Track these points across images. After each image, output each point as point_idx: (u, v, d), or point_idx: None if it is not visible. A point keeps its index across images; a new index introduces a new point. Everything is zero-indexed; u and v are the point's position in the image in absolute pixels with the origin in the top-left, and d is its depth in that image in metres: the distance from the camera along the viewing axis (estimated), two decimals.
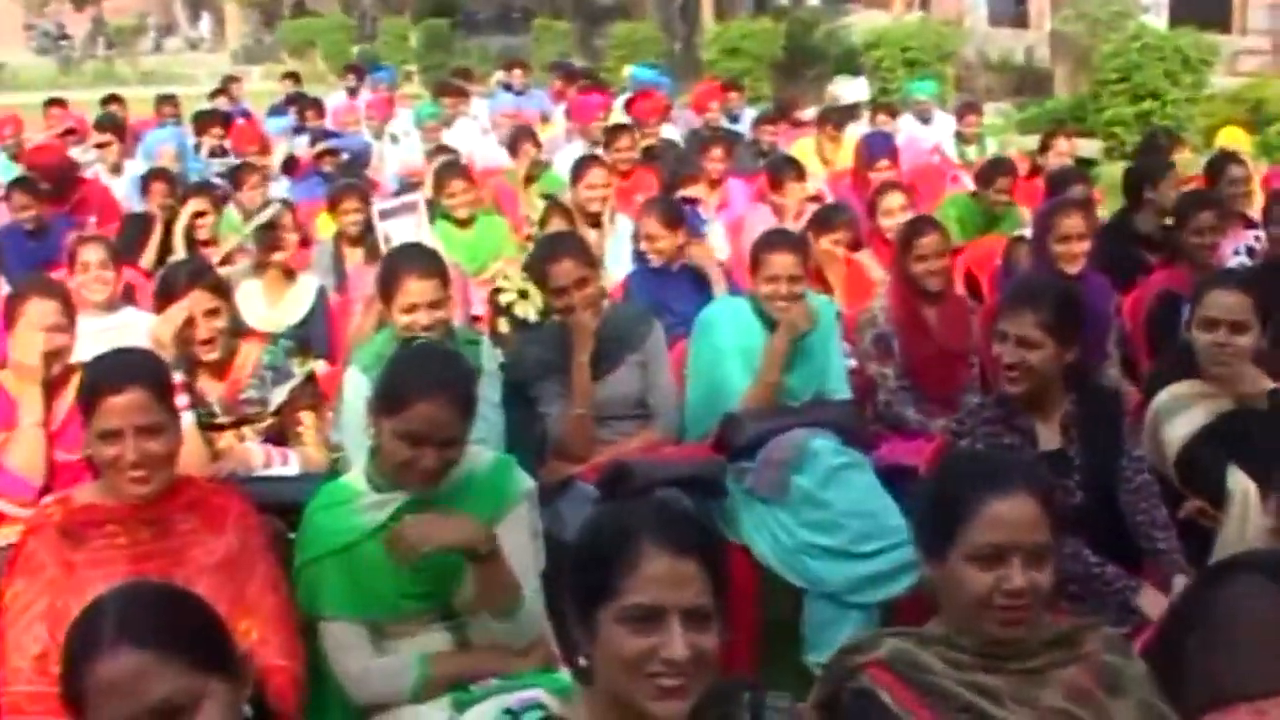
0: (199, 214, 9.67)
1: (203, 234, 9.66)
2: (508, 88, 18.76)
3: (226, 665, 2.73)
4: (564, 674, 4.50)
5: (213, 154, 13.76)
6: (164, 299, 5.86)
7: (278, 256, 7.96)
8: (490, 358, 6.16)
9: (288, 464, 5.69)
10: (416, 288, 5.89)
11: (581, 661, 2.95)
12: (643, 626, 2.78)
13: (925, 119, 14.98)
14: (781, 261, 6.50)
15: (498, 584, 4.33)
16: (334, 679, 4.46)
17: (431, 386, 4.37)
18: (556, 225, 8.07)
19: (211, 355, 5.80)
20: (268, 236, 7.96)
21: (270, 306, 7.76)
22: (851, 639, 3.59)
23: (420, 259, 6.08)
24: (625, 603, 2.80)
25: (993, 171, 10.47)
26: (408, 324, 5.83)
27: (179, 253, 9.31)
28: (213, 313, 5.82)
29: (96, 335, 6.41)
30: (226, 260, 8.72)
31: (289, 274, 8.00)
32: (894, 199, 9.01)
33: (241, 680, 2.77)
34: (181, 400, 5.02)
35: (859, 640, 3.48)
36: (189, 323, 5.79)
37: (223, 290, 6.02)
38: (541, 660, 4.52)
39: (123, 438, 4.17)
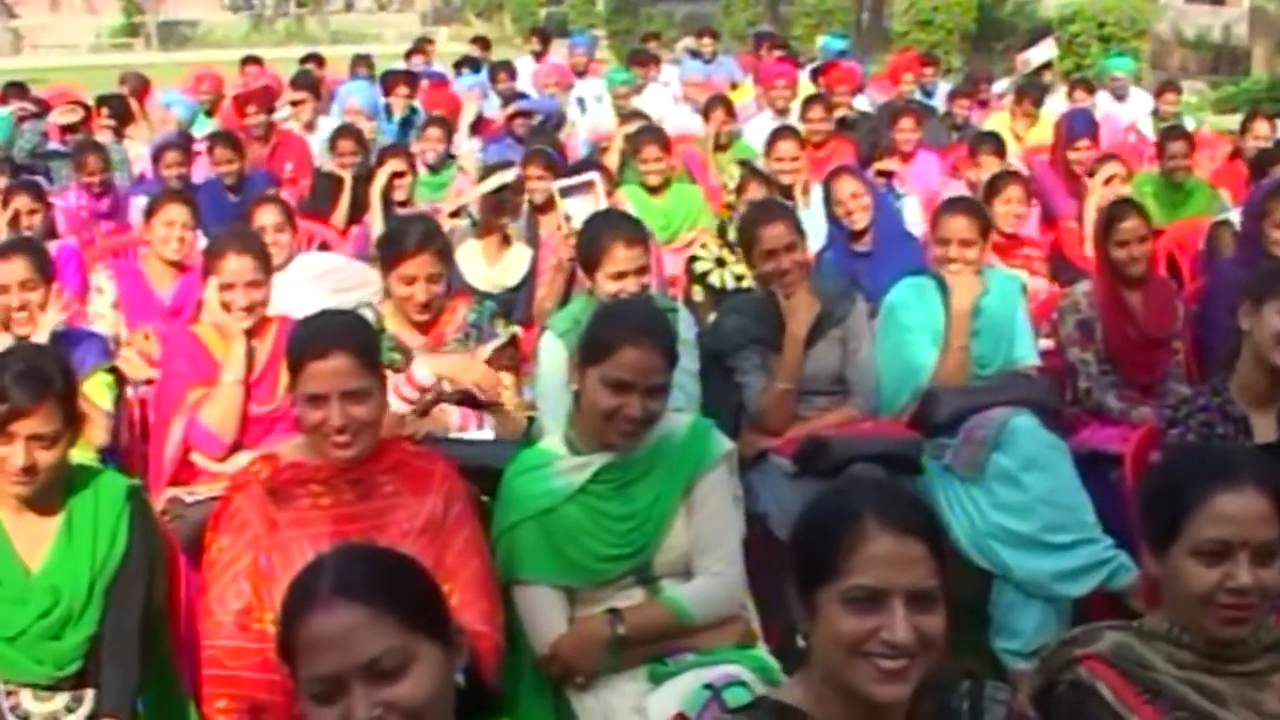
0: (397, 174, 9.70)
1: (400, 194, 9.68)
2: (695, 55, 18.66)
3: (440, 631, 2.71)
4: (763, 651, 4.50)
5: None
6: (392, 257, 5.82)
7: (504, 220, 7.96)
8: (687, 325, 6.13)
9: (483, 427, 5.68)
10: (624, 255, 5.90)
11: (800, 642, 2.89)
12: (865, 608, 2.74)
13: (1120, 96, 14.65)
14: (954, 225, 6.51)
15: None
16: (528, 646, 4.47)
17: (637, 332, 4.43)
18: (754, 193, 7.98)
19: (423, 317, 5.78)
20: (498, 200, 7.97)
21: (489, 267, 7.77)
22: (1069, 631, 3.51)
23: (626, 226, 6.10)
24: (847, 583, 2.75)
25: (1166, 138, 10.39)
26: (615, 291, 5.83)
27: (376, 212, 9.33)
28: (435, 278, 5.79)
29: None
30: (456, 214, 8.76)
31: (506, 239, 8.00)
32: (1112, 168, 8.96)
33: (455, 648, 2.74)
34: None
35: (1076, 632, 3.40)
36: (407, 281, 5.76)
37: (447, 255, 6.00)
38: (739, 635, 4.50)
39: (328, 402, 4.18)
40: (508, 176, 8.01)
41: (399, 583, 2.71)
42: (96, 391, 5.73)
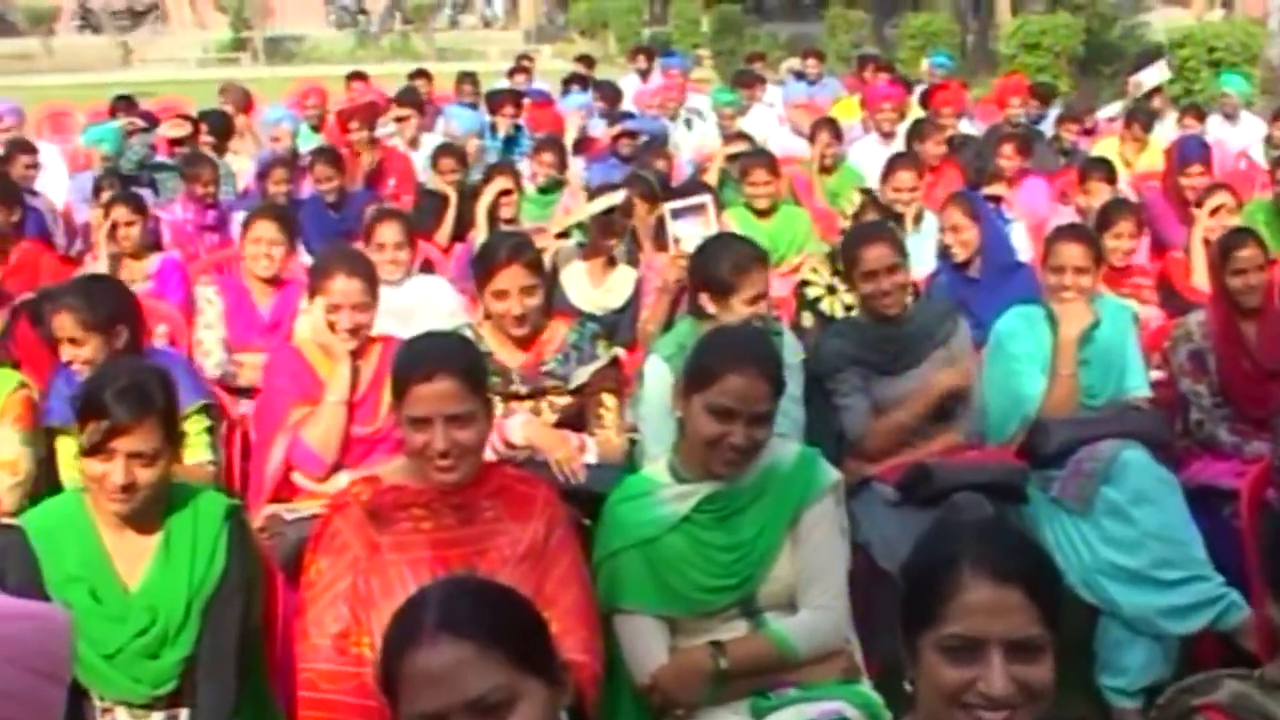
0: (504, 192, 9.67)
1: (505, 212, 9.64)
2: (800, 76, 18.60)
3: (546, 668, 2.65)
4: (866, 686, 4.42)
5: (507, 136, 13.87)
6: (484, 273, 5.81)
7: (612, 242, 7.92)
8: (793, 351, 6.06)
9: (586, 451, 5.64)
10: (761, 279, 5.89)
11: (907, 687, 2.83)
12: (962, 657, 2.68)
13: (1230, 116, 14.43)
14: (1068, 253, 6.41)
15: None
16: (627, 676, 4.41)
17: (743, 359, 4.37)
18: (871, 218, 7.93)
19: (520, 331, 5.76)
20: (607, 221, 7.92)
21: (594, 288, 7.73)
22: (1187, 680, 3.41)
23: (758, 250, 6.06)
24: (944, 631, 2.69)
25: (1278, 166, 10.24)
26: (750, 315, 5.81)
27: (481, 229, 9.30)
28: (529, 290, 5.78)
29: (390, 308, 6.48)
30: (563, 235, 8.73)
31: (611, 260, 7.96)
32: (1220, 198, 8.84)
33: (560, 685, 2.69)
34: None
35: (1194, 680, 3.29)
36: (500, 296, 5.77)
37: (540, 268, 5.98)
38: (843, 670, 4.45)
39: (432, 426, 4.14)
40: (616, 198, 7.94)
41: (505, 619, 2.65)
42: (192, 444, 5.65)
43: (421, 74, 17.12)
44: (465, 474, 4.20)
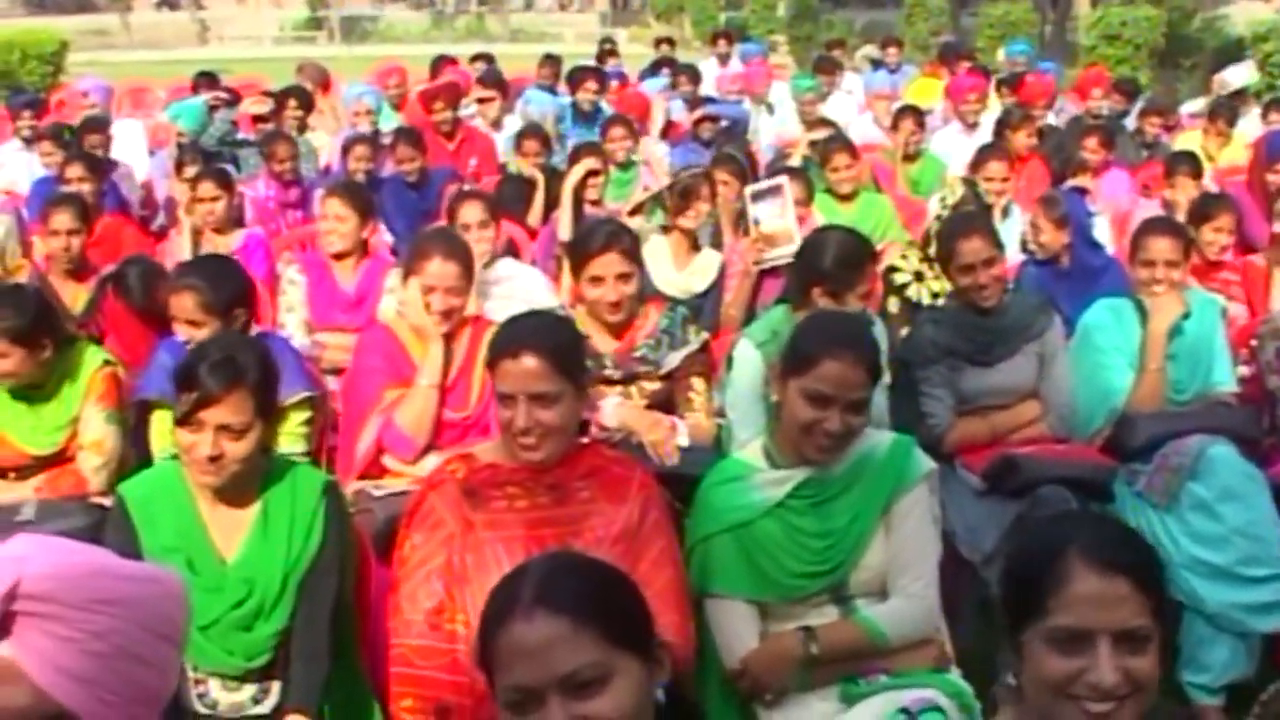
0: (592, 172, 9.67)
1: (592, 194, 9.63)
2: (877, 64, 18.52)
3: (643, 646, 2.63)
4: (956, 675, 4.41)
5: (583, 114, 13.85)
6: (579, 259, 5.83)
7: (684, 222, 7.88)
8: (882, 339, 6.01)
9: (676, 434, 5.64)
10: (871, 272, 5.92)
11: (1010, 680, 2.81)
12: (1069, 648, 2.66)
13: None
14: (1159, 246, 6.36)
15: None
16: (717, 660, 4.41)
17: (841, 345, 4.37)
18: (968, 210, 7.89)
19: (615, 318, 5.78)
20: (681, 200, 7.90)
21: (678, 272, 7.72)
22: None
23: (868, 244, 6.07)
24: (1052, 623, 2.67)
25: None
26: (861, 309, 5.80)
27: (566, 210, 9.29)
28: (624, 276, 5.78)
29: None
30: (636, 211, 8.71)
31: (694, 244, 7.94)
32: None
33: (657, 664, 2.67)
34: None
35: None
36: (595, 282, 5.78)
37: (636, 254, 5.97)
38: (934, 658, 4.44)
39: (516, 403, 4.15)
40: (687, 177, 7.89)
41: (603, 596, 2.64)
42: (288, 433, 5.66)
43: (483, 56, 17.14)
44: (550, 454, 4.20)
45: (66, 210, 8.03)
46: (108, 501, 5.22)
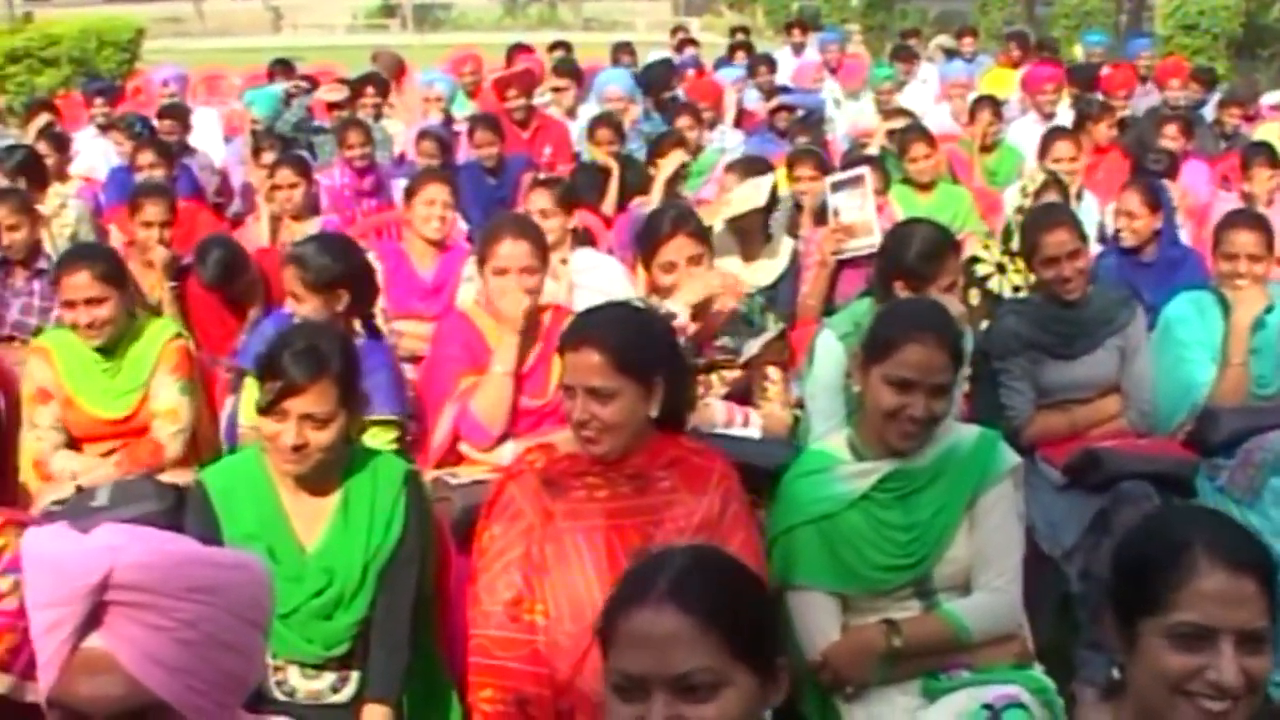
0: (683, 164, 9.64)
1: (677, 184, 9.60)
2: (951, 53, 18.43)
3: (763, 663, 2.58)
4: (1039, 671, 4.37)
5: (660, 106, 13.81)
6: (649, 247, 5.82)
7: (754, 230, 7.79)
8: (966, 342, 5.92)
9: (749, 424, 5.61)
10: (954, 265, 5.84)
11: (1115, 673, 2.76)
12: (1191, 645, 2.60)
13: None
14: (1242, 240, 6.31)
15: None
16: (797, 652, 4.37)
17: (922, 330, 4.34)
18: (1051, 198, 7.79)
19: None
20: (745, 223, 7.83)
21: (745, 266, 7.65)
22: None
23: (949, 236, 6.01)
24: (1173, 619, 2.61)
25: None
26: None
27: (656, 201, 9.22)
28: (695, 259, 5.77)
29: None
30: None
31: (766, 235, 7.85)
32: None
33: (773, 684, 2.61)
34: None
35: None
36: (668, 268, 5.76)
37: (705, 237, 5.95)
38: (1016, 654, 4.40)
39: (575, 395, 4.14)
40: (758, 200, 7.70)
41: (736, 602, 2.58)
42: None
43: (561, 45, 17.16)
44: (610, 449, 4.17)
45: (160, 202, 8.08)
46: (182, 481, 5.24)
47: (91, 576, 2.26)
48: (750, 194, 7.52)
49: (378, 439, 5.38)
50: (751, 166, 8.14)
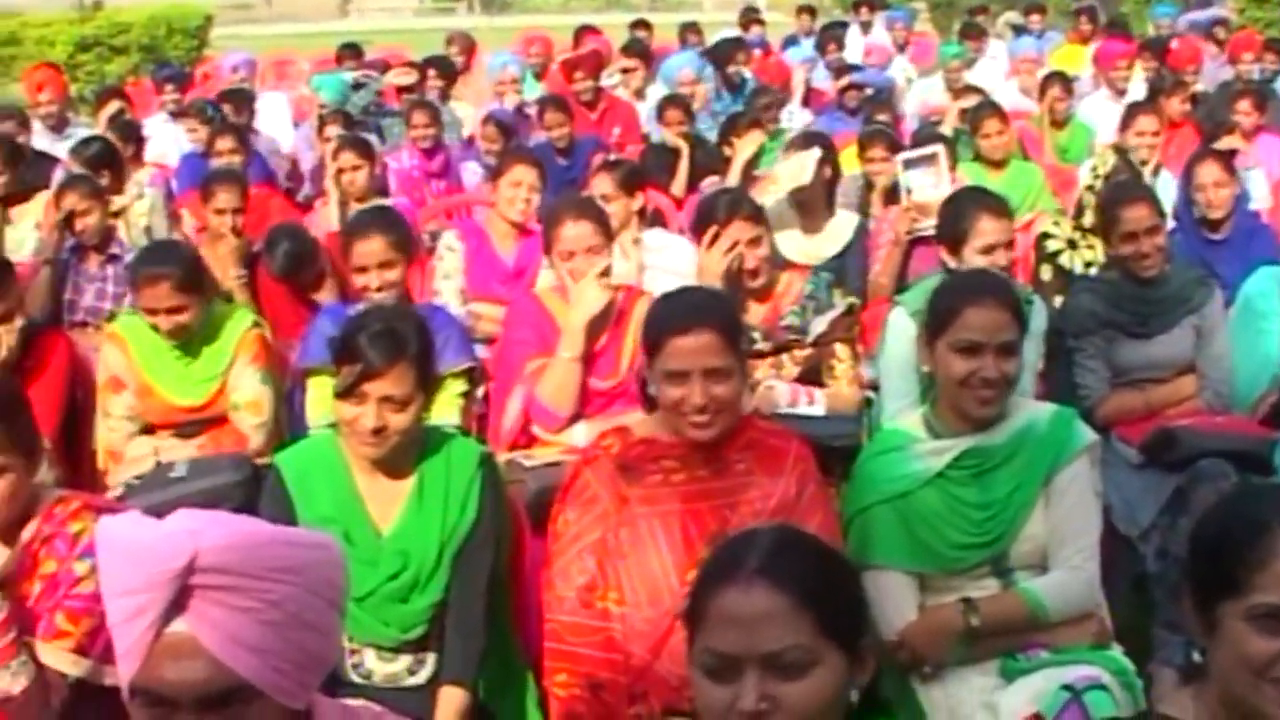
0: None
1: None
2: (1020, 30, 18.30)
3: (852, 643, 2.56)
4: (1118, 651, 4.33)
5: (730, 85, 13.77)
6: (703, 227, 5.80)
7: (813, 200, 7.76)
8: (1040, 319, 5.88)
9: (814, 404, 5.59)
10: (990, 227, 5.82)
11: (1195, 656, 2.71)
12: (1273, 628, 2.50)
13: None
14: None
15: None
16: (875, 633, 4.35)
17: (979, 292, 4.37)
18: (1124, 178, 7.74)
19: (756, 283, 5.74)
20: (801, 193, 7.79)
21: (807, 238, 7.63)
22: None
23: (992, 200, 6.02)
24: (1255, 601, 2.51)
25: None
26: (988, 264, 5.70)
27: (733, 182, 9.18)
28: (755, 241, 5.76)
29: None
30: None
31: (830, 208, 7.84)
32: None
33: (861, 664, 2.59)
34: None
35: None
36: (739, 253, 5.74)
37: (761, 217, 5.94)
38: (1095, 634, 4.36)
39: (689, 380, 4.10)
40: (805, 177, 7.69)
41: (826, 581, 2.57)
42: (444, 403, 5.56)
43: (642, 24, 17.14)
44: (721, 430, 4.16)
45: (232, 189, 8.11)
46: (261, 459, 5.26)
47: (176, 561, 2.27)
48: (795, 170, 7.48)
49: (449, 390, 5.44)
50: (805, 142, 8.07)
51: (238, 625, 2.31)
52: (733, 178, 9.11)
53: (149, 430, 5.89)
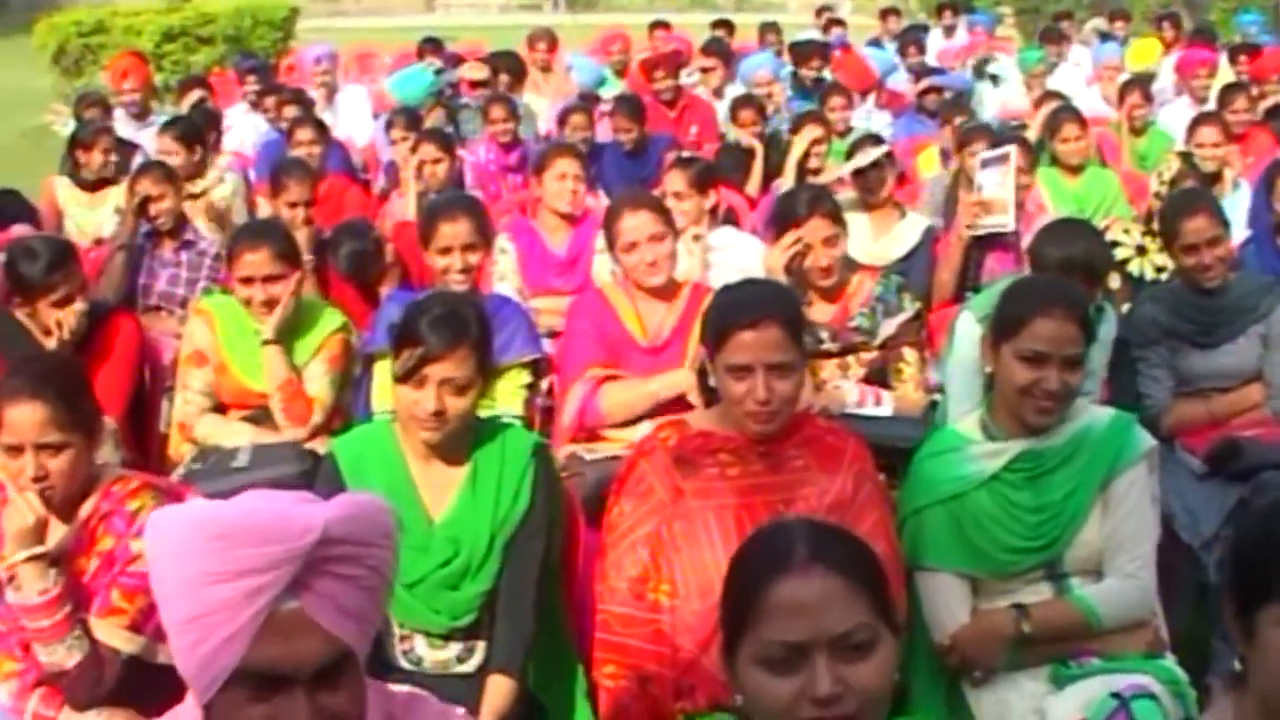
0: (815, 141, 9.59)
1: (814, 162, 9.55)
2: (1105, 36, 18.19)
3: (892, 621, 2.57)
4: (1171, 661, 4.30)
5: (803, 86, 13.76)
6: (781, 225, 5.79)
7: (876, 196, 7.79)
8: (1109, 329, 5.86)
9: (881, 404, 5.58)
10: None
11: (1236, 665, 2.68)
12: None
13: None
14: None
15: None
16: (924, 636, 4.35)
17: (1050, 303, 4.30)
18: (1188, 184, 7.68)
19: (827, 282, 5.74)
20: (865, 177, 7.81)
21: (874, 240, 7.63)
22: None
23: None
24: None
25: None
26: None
27: (789, 179, 9.22)
28: (831, 240, 5.76)
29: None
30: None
31: (900, 209, 7.84)
32: None
33: (898, 647, 2.60)
34: None
35: None
36: (802, 252, 5.73)
37: (840, 217, 5.94)
38: (1148, 642, 4.34)
39: (753, 374, 4.09)
40: (870, 156, 7.74)
41: (869, 563, 2.59)
42: (508, 393, 5.66)
43: (724, 24, 17.15)
44: (780, 424, 4.16)
45: (303, 181, 8.14)
46: (320, 448, 5.28)
47: (309, 536, 2.28)
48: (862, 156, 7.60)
49: (513, 380, 5.51)
50: (873, 143, 8.11)
51: (345, 594, 2.33)
52: (787, 176, 9.13)
53: (221, 409, 5.91)
